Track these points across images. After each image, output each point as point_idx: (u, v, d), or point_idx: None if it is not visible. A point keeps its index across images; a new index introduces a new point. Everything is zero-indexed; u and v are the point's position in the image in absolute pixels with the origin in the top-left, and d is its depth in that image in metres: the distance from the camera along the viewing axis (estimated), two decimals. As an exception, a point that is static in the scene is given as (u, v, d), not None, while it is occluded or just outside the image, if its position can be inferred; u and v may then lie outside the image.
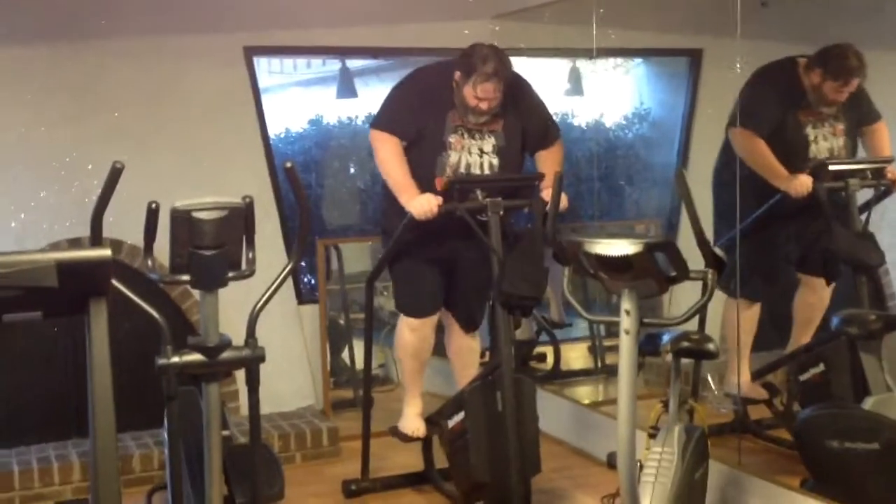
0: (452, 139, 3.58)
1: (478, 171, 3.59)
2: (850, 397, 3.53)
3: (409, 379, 3.90)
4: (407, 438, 3.82)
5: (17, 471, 3.79)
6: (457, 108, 3.57)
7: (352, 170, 5.70)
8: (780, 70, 3.89)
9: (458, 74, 3.53)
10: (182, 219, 2.43)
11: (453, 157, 3.59)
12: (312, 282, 5.04)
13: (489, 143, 3.61)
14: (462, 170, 3.58)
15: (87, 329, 2.11)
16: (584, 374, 5.34)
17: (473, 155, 3.60)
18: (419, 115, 3.60)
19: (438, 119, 3.58)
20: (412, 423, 3.82)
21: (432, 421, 3.76)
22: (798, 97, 3.82)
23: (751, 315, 4.06)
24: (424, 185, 3.54)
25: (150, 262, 2.64)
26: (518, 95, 3.71)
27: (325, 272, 4.76)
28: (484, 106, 3.51)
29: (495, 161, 3.61)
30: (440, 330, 3.94)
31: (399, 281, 3.82)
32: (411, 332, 3.80)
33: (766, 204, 3.83)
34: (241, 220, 2.53)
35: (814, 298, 4.05)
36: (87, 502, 2.29)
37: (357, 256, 5.23)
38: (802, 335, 4.03)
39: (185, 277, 2.54)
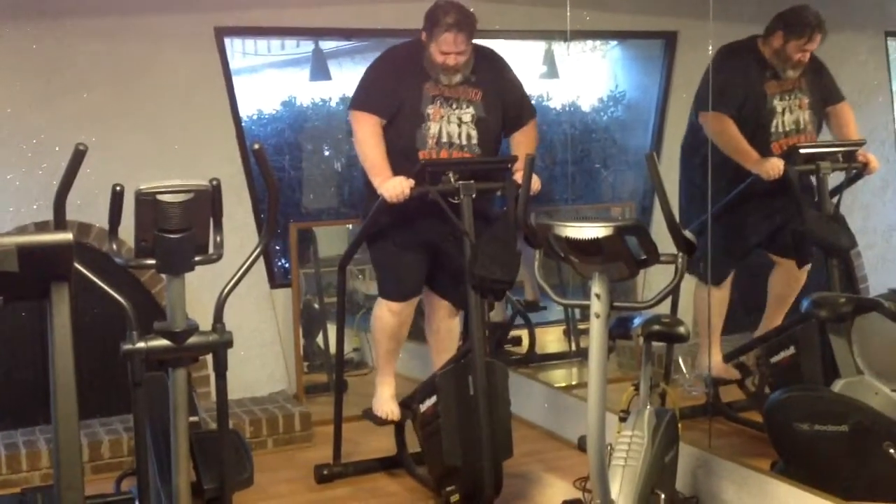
0: (430, 110, 3.57)
1: (457, 142, 3.59)
2: (819, 380, 3.54)
3: (383, 359, 3.88)
4: (381, 421, 3.81)
5: (-15, 457, 3.75)
6: (431, 76, 3.56)
7: (326, 152, 5.67)
8: (741, 47, 3.91)
9: (423, 35, 3.56)
10: (147, 201, 2.39)
11: (433, 127, 3.57)
12: (286, 265, 5.01)
13: (468, 114, 3.61)
14: (444, 139, 3.57)
15: (49, 314, 2.08)
16: (558, 357, 5.35)
17: (452, 125, 3.59)
18: (396, 89, 3.59)
19: (415, 91, 3.57)
20: (386, 405, 3.80)
21: (406, 405, 3.74)
22: (762, 70, 3.84)
23: (720, 297, 4.07)
24: (406, 158, 3.53)
25: (115, 246, 2.60)
26: (498, 70, 3.73)
27: (297, 256, 4.73)
28: (451, 61, 3.51)
29: (473, 132, 3.60)
30: (418, 312, 3.92)
31: (381, 265, 3.80)
32: (392, 315, 3.77)
33: (737, 187, 3.83)
34: (207, 202, 2.48)
35: (788, 276, 4.06)
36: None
37: (332, 240, 5.20)
38: (775, 313, 4.05)
39: (151, 261, 2.50)
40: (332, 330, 4.76)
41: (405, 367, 4.56)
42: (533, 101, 5.47)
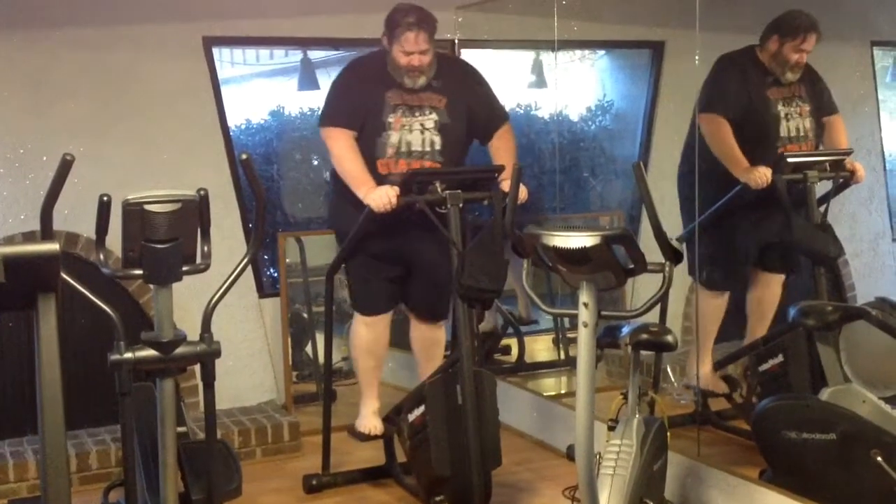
0: (391, 119, 3.58)
1: (419, 149, 3.59)
2: (807, 388, 3.55)
3: (364, 377, 3.88)
4: (364, 437, 3.81)
5: (-29, 468, 3.73)
6: (395, 83, 3.57)
7: (314, 162, 5.66)
8: (742, 55, 3.95)
9: (385, 40, 3.58)
10: (134, 211, 2.38)
11: (393, 137, 3.58)
12: (275, 275, 5.00)
13: (431, 120, 3.61)
14: (403, 149, 3.58)
15: (36, 325, 2.07)
16: (548, 366, 5.36)
17: (415, 132, 3.59)
18: (360, 100, 3.61)
19: (377, 100, 3.59)
20: (368, 421, 3.80)
21: (390, 419, 3.74)
22: (763, 76, 3.88)
23: (718, 305, 4.08)
24: (367, 167, 3.54)
25: (102, 256, 2.60)
26: (462, 76, 3.75)
27: (285, 265, 4.73)
28: (415, 61, 3.53)
29: (437, 139, 3.61)
30: (400, 325, 3.92)
31: (354, 278, 3.80)
32: (365, 329, 3.78)
33: (726, 195, 3.85)
34: (195, 212, 2.48)
35: (765, 294, 4.09)
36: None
37: (321, 249, 5.18)
38: (758, 330, 4.07)
39: (138, 272, 2.49)
40: (320, 339, 4.77)
41: (394, 376, 4.56)
42: (521, 111, 5.54)
